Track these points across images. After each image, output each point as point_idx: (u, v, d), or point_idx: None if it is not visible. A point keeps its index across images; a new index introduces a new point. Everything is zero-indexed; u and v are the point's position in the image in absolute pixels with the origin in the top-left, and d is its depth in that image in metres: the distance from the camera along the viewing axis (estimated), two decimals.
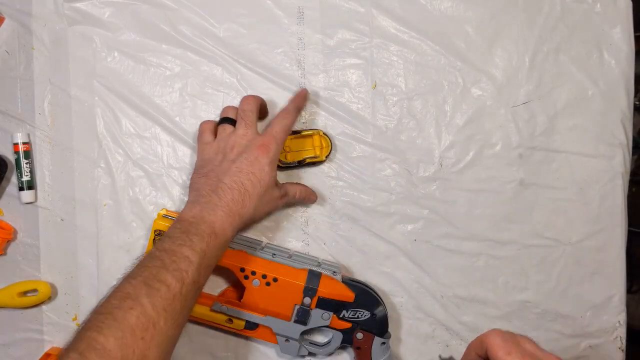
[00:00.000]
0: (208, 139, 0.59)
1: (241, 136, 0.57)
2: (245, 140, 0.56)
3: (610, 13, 0.68)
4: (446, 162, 0.67)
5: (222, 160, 0.56)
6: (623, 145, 0.68)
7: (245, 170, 0.54)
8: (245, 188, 0.54)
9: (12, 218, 0.63)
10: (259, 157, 0.55)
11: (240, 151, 0.56)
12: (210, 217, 0.51)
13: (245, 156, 0.55)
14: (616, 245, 0.69)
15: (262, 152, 0.55)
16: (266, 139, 0.56)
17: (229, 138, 0.57)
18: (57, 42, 0.63)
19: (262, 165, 0.55)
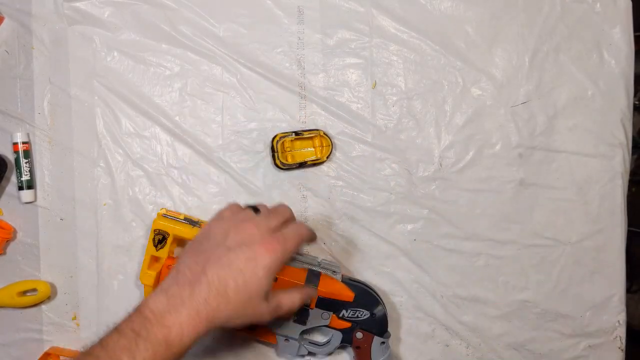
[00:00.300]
0: (226, 214, 0.51)
1: (255, 224, 0.48)
2: (255, 230, 0.47)
3: (610, 13, 0.68)
4: (446, 161, 0.67)
5: (221, 243, 0.47)
6: (623, 145, 0.68)
7: (235, 266, 0.45)
8: (226, 290, 0.44)
9: (11, 218, 0.63)
10: (258, 257, 0.45)
11: (243, 240, 0.47)
12: (170, 318, 0.43)
13: (244, 249, 0.46)
14: (616, 245, 0.69)
15: (264, 251, 0.46)
16: (275, 239, 0.47)
17: (242, 220, 0.49)
18: (57, 42, 0.63)
19: (257, 268, 0.45)
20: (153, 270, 0.60)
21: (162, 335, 0.42)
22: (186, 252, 0.48)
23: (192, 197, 0.64)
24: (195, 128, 0.64)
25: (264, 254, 0.46)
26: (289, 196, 0.65)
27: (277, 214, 0.51)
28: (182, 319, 0.43)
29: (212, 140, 0.64)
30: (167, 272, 0.60)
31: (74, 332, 0.63)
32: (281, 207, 0.52)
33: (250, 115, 0.65)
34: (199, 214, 0.64)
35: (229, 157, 0.64)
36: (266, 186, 0.65)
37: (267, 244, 0.46)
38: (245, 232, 0.47)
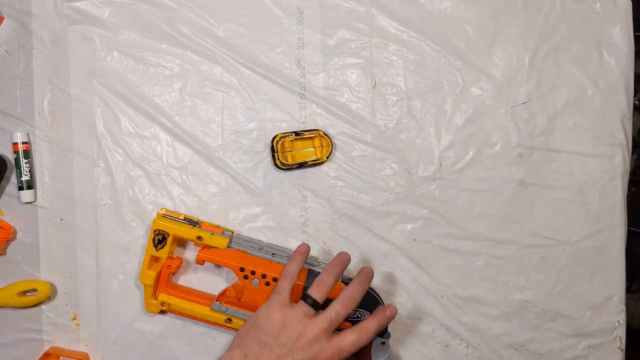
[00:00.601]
0: (285, 300, 0.54)
1: (314, 336, 0.52)
2: (315, 342, 0.52)
3: (610, 13, 0.68)
4: (446, 161, 0.67)
5: (283, 346, 0.52)
6: (623, 145, 0.68)
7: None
8: None
9: (11, 218, 0.63)
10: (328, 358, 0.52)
11: (304, 351, 0.52)
12: None
13: (307, 355, 0.51)
14: (616, 245, 0.69)
15: (334, 356, 0.52)
16: (334, 353, 0.52)
17: (304, 327, 0.52)
18: (57, 42, 0.63)
19: None
20: (153, 270, 0.59)
21: None
22: (252, 337, 0.53)
23: (192, 197, 0.64)
24: (195, 128, 0.64)
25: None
26: (288, 196, 0.65)
27: (342, 316, 0.54)
28: None
29: (212, 140, 0.64)
30: (167, 272, 0.61)
31: (74, 332, 0.63)
32: (349, 299, 0.54)
33: (250, 115, 0.65)
34: (199, 214, 0.64)
35: (229, 157, 0.64)
36: (266, 186, 0.65)
37: (328, 354, 0.52)
38: (308, 344, 0.52)
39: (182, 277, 0.65)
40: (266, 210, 0.65)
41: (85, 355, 0.63)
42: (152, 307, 0.61)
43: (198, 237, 0.59)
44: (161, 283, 0.61)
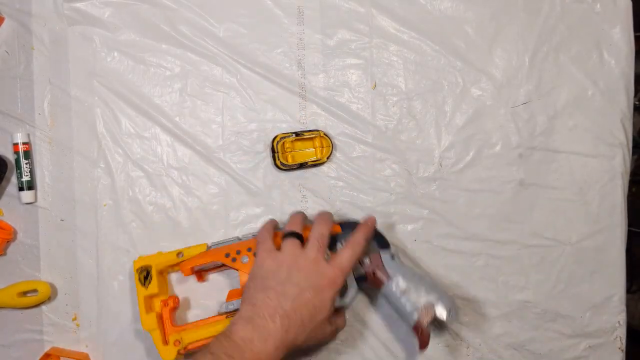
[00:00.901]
0: (270, 246, 0.56)
1: (311, 261, 0.54)
2: (314, 266, 0.54)
3: (610, 13, 0.68)
4: (446, 162, 0.67)
5: (286, 280, 0.53)
6: (623, 145, 0.68)
7: (308, 300, 0.52)
8: (303, 320, 0.52)
9: (12, 218, 0.63)
10: (324, 290, 0.53)
11: (307, 277, 0.53)
12: (259, 345, 0.50)
13: (311, 285, 0.53)
14: (616, 245, 0.69)
15: (330, 285, 0.53)
16: (336, 272, 0.54)
17: (297, 257, 0.54)
18: (57, 42, 0.63)
19: (325, 299, 0.53)
20: (151, 312, 0.58)
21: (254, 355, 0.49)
22: (253, 293, 0.54)
23: (192, 197, 0.64)
24: (195, 128, 0.64)
25: (330, 286, 0.53)
26: (289, 196, 0.65)
27: (325, 237, 0.56)
28: (269, 348, 0.50)
29: (212, 141, 0.64)
30: (167, 312, 0.59)
31: (74, 332, 0.63)
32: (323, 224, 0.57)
33: (250, 115, 0.65)
34: (199, 214, 0.64)
35: (229, 157, 0.64)
36: (266, 186, 0.65)
37: (331, 279, 0.53)
38: (307, 269, 0.54)
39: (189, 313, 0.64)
40: (266, 210, 0.65)
41: (86, 355, 0.63)
42: (168, 354, 0.57)
43: (178, 254, 0.60)
44: (166, 326, 0.59)
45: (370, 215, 0.60)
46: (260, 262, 0.55)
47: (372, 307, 0.65)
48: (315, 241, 0.55)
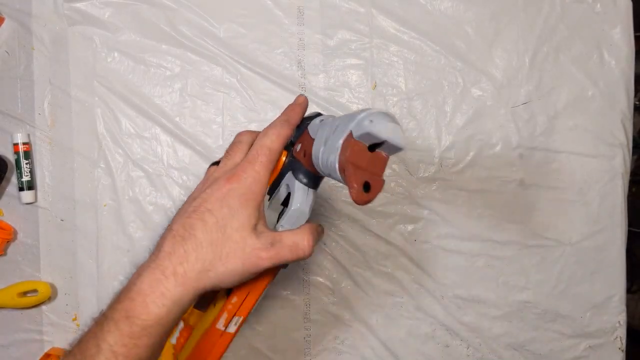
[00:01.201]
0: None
1: (222, 165, 0.42)
2: (222, 170, 0.42)
3: (610, 13, 0.68)
4: (446, 162, 0.67)
5: (190, 199, 0.41)
6: (623, 145, 0.68)
7: (202, 208, 0.38)
8: (193, 233, 0.37)
9: (12, 218, 0.63)
10: (225, 191, 0.39)
11: (208, 185, 0.40)
12: (134, 288, 0.36)
13: (209, 191, 0.39)
14: (616, 245, 0.69)
15: (230, 182, 0.39)
16: (239, 166, 0.40)
17: (206, 177, 0.43)
18: (57, 42, 0.63)
19: (228, 200, 0.38)
20: None
21: (124, 310, 0.35)
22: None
23: None
24: (196, 129, 0.64)
25: (231, 183, 0.39)
26: None
27: (235, 145, 0.43)
28: (144, 285, 0.35)
29: (213, 141, 0.64)
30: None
31: (74, 332, 0.63)
32: (237, 136, 0.44)
33: (250, 115, 0.65)
34: None
35: None
36: None
37: (231, 176, 0.39)
38: (209, 179, 0.41)
39: None
40: None
41: None
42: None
43: None
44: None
45: (301, 95, 0.46)
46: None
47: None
48: (231, 147, 0.43)
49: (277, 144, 0.41)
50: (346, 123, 0.35)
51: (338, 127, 0.36)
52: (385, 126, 0.34)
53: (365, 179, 0.35)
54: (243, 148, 0.43)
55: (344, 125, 0.35)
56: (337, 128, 0.36)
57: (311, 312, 0.66)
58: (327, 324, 0.66)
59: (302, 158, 0.42)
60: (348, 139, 0.34)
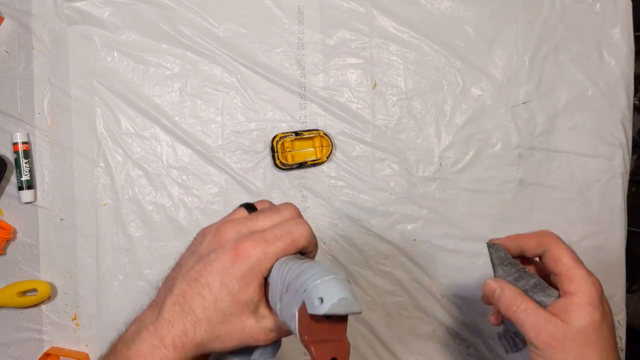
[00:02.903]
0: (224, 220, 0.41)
1: (235, 225, 0.38)
2: (233, 233, 0.38)
3: (610, 13, 0.68)
4: (446, 161, 0.67)
5: (196, 251, 0.39)
6: (623, 145, 0.68)
7: (202, 279, 0.36)
8: (192, 308, 0.36)
9: (11, 218, 0.63)
10: (228, 264, 0.36)
11: (215, 246, 0.38)
12: (134, 348, 0.36)
13: (213, 256, 0.37)
14: (616, 245, 0.69)
15: (235, 256, 0.36)
16: (250, 240, 0.37)
17: (224, 222, 0.39)
18: (57, 42, 0.63)
19: (228, 278, 0.36)
20: None
21: None
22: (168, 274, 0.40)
23: (192, 197, 0.64)
24: (195, 128, 0.64)
25: (235, 259, 0.36)
26: (289, 196, 0.65)
27: (273, 213, 0.39)
28: (145, 349, 0.36)
29: (212, 141, 0.64)
30: None
31: (74, 332, 0.63)
32: (283, 205, 0.41)
33: (250, 115, 0.65)
34: (198, 214, 0.64)
35: (229, 157, 0.64)
36: (266, 186, 0.65)
37: (239, 247, 0.36)
38: (221, 236, 0.38)
39: None
40: None
41: (85, 355, 0.63)
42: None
43: None
44: None
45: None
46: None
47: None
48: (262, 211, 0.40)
49: (295, 242, 0.38)
50: (297, 288, 0.34)
51: (290, 286, 0.35)
52: (338, 302, 0.34)
53: (331, 356, 0.36)
54: (277, 220, 0.39)
55: (295, 289, 0.34)
56: (289, 287, 0.35)
57: None
58: None
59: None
60: (303, 311, 0.34)
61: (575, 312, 0.41)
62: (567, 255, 0.43)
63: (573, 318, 0.41)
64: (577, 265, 0.43)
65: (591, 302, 0.41)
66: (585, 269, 0.43)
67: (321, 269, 0.35)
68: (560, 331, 0.41)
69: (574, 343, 0.41)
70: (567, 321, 0.41)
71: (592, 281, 0.42)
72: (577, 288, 0.42)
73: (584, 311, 0.41)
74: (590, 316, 0.41)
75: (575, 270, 0.43)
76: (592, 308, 0.41)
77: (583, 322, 0.41)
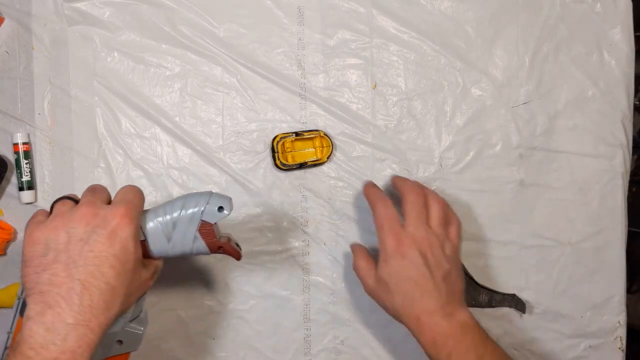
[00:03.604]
0: (40, 218, 0.43)
1: (90, 204, 0.42)
2: (94, 210, 0.42)
3: (610, 13, 0.68)
4: (446, 162, 0.67)
5: (69, 241, 0.40)
6: (623, 145, 0.68)
7: (104, 253, 0.40)
8: (108, 281, 0.39)
9: (12, 218, 0.63)
10: (117, 231, 0.41)
11: (92, 225, 0.41)
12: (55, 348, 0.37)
13: (100, 231, 0.40)
14: (616, 245, 0.69)
15: (119, 222, 0.41)
16: (123, 206, 0.42)
17: (71, 212, 0.42)
18: (57, 42, 0.63)
19: (124, 240, 0.41)
20: None
21: None
22: (33, 272, 0.40)
23: None
24: (196, 128, 0.64)
25: (121, 225, 0.41)
26: (289, 196, 0.65)
27: (97, 189, 0.46)
28: (71, 343, 0.37)
29: (213, 141, 0.64)
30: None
31: None
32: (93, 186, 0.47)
33: (250, 115, 0.65)
34: None
35: (229, 157, 0.64)
36: (266, 187, 0.65)
37: (117, 213, 0.41)
38: (88, 217, 0.41)
39: None
40: (266, 210, 0.65)
41: None
42: None
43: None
44: None
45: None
46: (29, 240, 0.41)
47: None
48: (87, 193, 0.45)
49: (139, 192, 0.47)
50: (189, 216, 0.46)
51: (178, 222, 0.46)
52: (230, 204, 0.50)
53: (234, 247, 0.50)
54: (104, 192, 0.46)
55: (186, 219, 0.46)
56: (177, 222, 0.46)
57: (311, 312, 0.66)
58: (327, 324, 0.66)
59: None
60: (204, 228, 0.47)
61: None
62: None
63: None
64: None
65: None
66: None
67: (194, 194, 0.48)
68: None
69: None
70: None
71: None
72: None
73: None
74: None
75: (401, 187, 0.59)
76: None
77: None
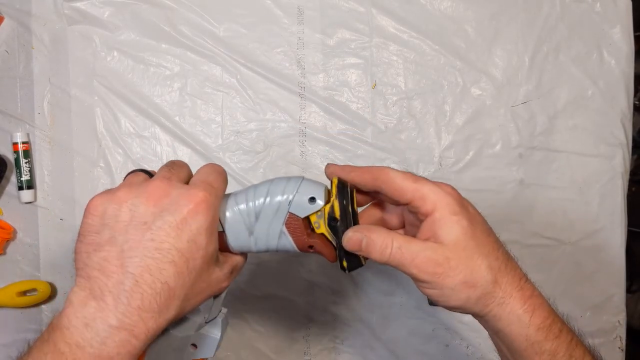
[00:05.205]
0: (114, 191, 0.35)
1: (165, 181, 0.36)
2: (167, 188, 0.35)
3: (610, 13, 0.68)
4: (446, 161, 0.67)
5: (130, 220, 0.33)
6: (623, 145, 0.68)
7: (167, 244, 0.33)
8: (166, 280, 0.32)
9: (11, 218, 0.63)
10: (189, 219, 0.34)
11: (161, 207, 0.34)
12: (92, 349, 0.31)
13: (167, 217, 0.33)
14: (616, 245, 0.69)
15: (194, 208, 0.34)
16: (199, 188, 0.36)
17: (141, 186, 0.35)
18: (57, 42, 0.63)
19: (194, 233, 0.34)
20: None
21: None
22: (83, 255, 0.34)
23: None
24: (195, 128, 0.64)
25: (194, 213, 0.34)
26: None
27: (177, 164, 0.40)
28: (110, 349, 0.31)
29: (212, 141, 0.64)
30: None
31: None
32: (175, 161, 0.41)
33: (250, 115, 0.65)
34: None
35: (228, 157, 0.64)
36: None
37: (193, 198, 0.34)
38: (158, 196, 0.34)
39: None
40: None
41: None
42: None
43: None
44: None
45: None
46: (89, 205, 0.35)
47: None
48: (165, 168, 0.38)
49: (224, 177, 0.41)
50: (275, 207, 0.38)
51: (261, 213, 0.38)
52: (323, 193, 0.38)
53: (332, 250, 0.40)
54: (185, 169, 0.40)
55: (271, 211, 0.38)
56: (260, 214, 0.38)
57: (311, 312, 0.66)
58: (327, 324, 0.66)
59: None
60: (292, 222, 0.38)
61: (442, 227, 0.37)
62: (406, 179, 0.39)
63: (443, 234, 0.37)
64: (420, 182, 0.38)
65: (453, 210, 0.38)
66: (430, 182, 0.39)
67: (281, 179, 0.39)
68: (438, 254, 0.37)
69: (457, 259, 0.37)
70: (440, 240, 0.37)
71: (443, 191, 0.38)
72: (433, 203, 0.38)
73: (450, 222, 0.37)
74: (459, 225, 0.37)
75: (420, 188, 0.38)
76: (457, 216, 0.38)
77: (454, 234, 0.37)
